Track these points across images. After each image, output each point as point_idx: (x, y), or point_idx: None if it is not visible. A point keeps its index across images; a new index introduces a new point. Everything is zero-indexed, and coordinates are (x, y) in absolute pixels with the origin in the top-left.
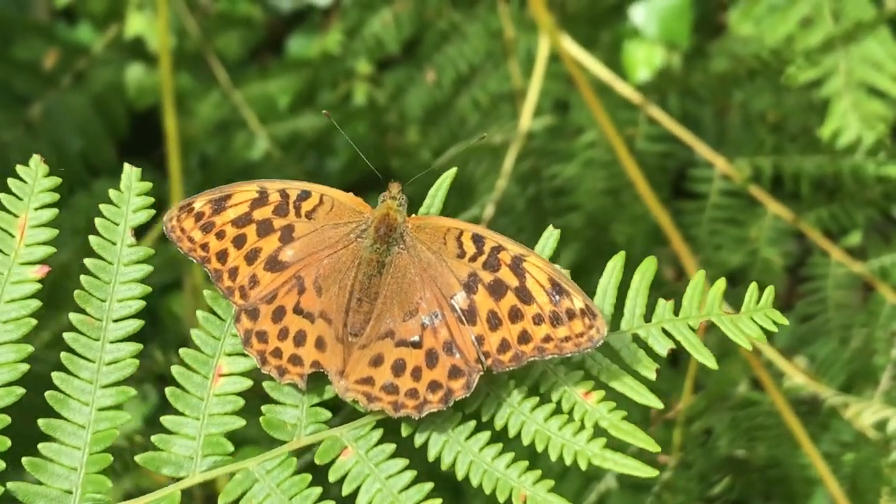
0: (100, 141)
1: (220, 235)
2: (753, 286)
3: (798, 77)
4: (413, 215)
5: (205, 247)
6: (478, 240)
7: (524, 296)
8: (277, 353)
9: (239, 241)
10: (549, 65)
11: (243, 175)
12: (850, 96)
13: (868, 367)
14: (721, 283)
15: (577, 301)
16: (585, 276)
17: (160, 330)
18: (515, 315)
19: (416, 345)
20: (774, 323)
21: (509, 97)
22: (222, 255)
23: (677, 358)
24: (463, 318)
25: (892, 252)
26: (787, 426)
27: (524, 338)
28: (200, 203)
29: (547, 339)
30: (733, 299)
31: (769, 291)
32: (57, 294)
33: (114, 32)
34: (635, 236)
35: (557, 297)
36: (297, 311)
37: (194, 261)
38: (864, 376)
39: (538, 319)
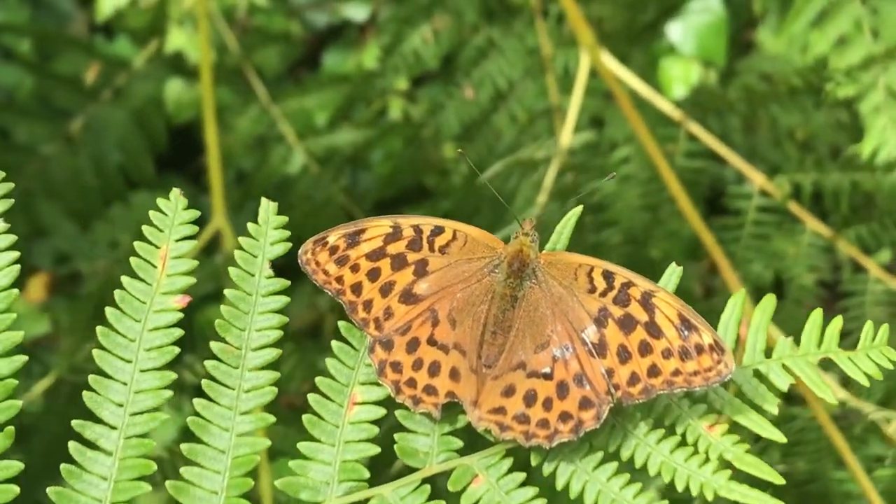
0: (139, 155)
1: (355, 269)
2: (868, 324)
3: (836, 93)
4: (544, 251)
5: (339, 280)
6: (608, 276)
7: (653, 330)
8: (412, 382)
9: (373, 275)
10: (587, 80)
11: (280, 190)
12: (889, 112)
13: None
14: (838, 322)
15: (706, 336)
16: None
17: (198, 341)
18: (645, 349)
19: (548, 376)
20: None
21: (546, 113)
22: (357, 288)
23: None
24: (593, 351)
25: None
26: (826, 441)
27: (653, 371)
28: (335, 237)
29: (676, 372)
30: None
31: (884, 330)
32: (102, 306)
33: (154, 47)
34: (671, 252)
35: (686, 333)
36: (432, 342)
37: (329, 293)
38: None
39: (667, 354)
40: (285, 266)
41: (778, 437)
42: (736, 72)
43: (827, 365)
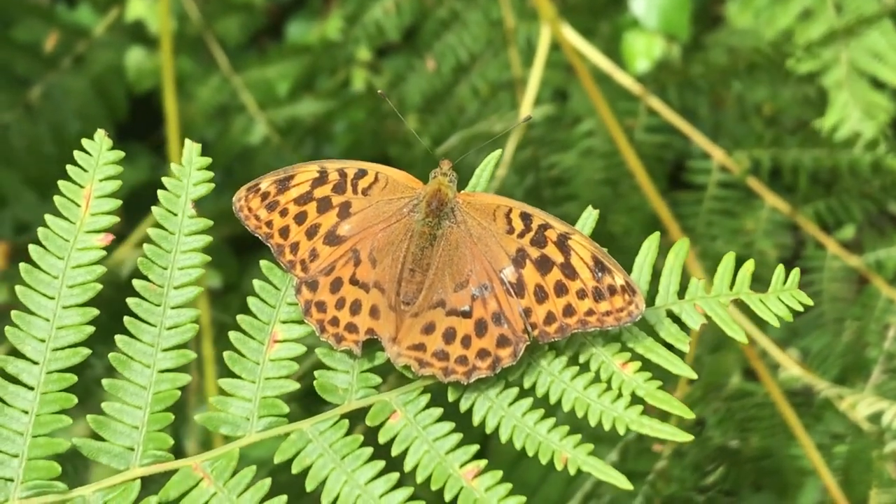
0: (99, 123)
1: (284, 213)
2: (780, 267)
3: (799, 68)
4: (462, 191)
5: (269, 224)
6: (526, 217)
7: (569, 271)
8: (335, 321)
9: (300, 218)
10: (549, 54)
11: (241, 160)
12: (851, 87)
13: (861, 360)
14: (750, 265)
15: (619, 278)
16: None
17: None
18: (561, 289)
19: (467, 314)
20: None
21: (508, 86)
22: (285, 231)
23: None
24: (511, 290)
25: (888, 246)
26: (780, 417)
27: (568, 311)
28: (266, 183)
29: (590, 312)
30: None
31: (795, 273)
32: None
33: (114, 15)
34: (632, 226)
35: (600, 274)
36: (353, 281)
37: (260, 237)
38: (856, 369)
39: (582, 294)
40: None
41: (688, 372)
42: (703, 45)
43: (785, 342)
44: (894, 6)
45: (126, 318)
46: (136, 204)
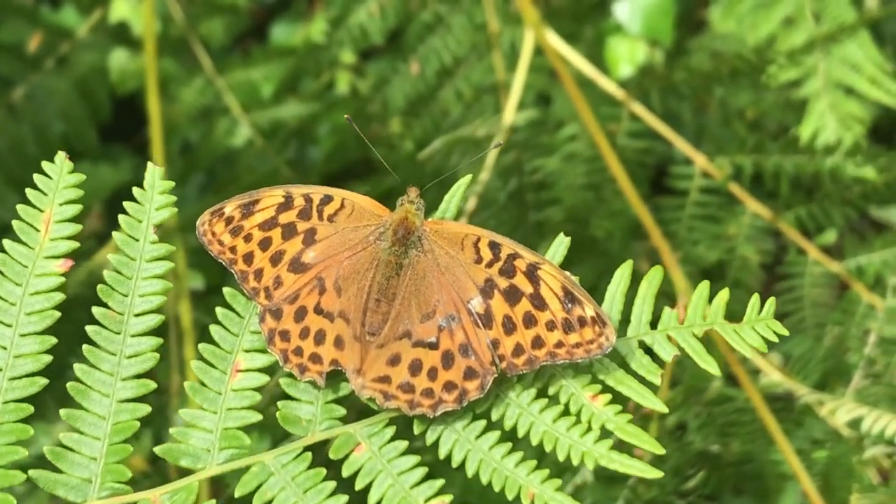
0: (82, 124)
1: (248, 238)
2: (755, 297)
3: (779, 76)
4: (430, 219)
5: (233, 249)
6: (494, 246)
7: (538, 302)
8: (298, 351)
9: (265, 244)
10: (533, 58)
11: (225, 162)
12: (828, 97)
13: (842, 366)
14: (724, 294)
15: (588, 309)
16: (565, 269)
17: None
18: (529, 321)
19: (433, 346)
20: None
21: (492, 89)
22: (248, 258)
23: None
24: (479, 321)
25: (869, 252)
26: (761, 422)
27: (537, 343)
28: (230, 208)
29: (559, 344)
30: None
31: (770, 303)
32: None
33: (98, 16)
34: (614, 231)
35: (570, 305)
36: (318, 310)
37: (223, 263)
38: (837, 374)
39: (551, 326)
40: None
41: (659, 407)
42: (686, 50)
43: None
44: (873, 16)
45: (85, 347)
46: (118, 205)
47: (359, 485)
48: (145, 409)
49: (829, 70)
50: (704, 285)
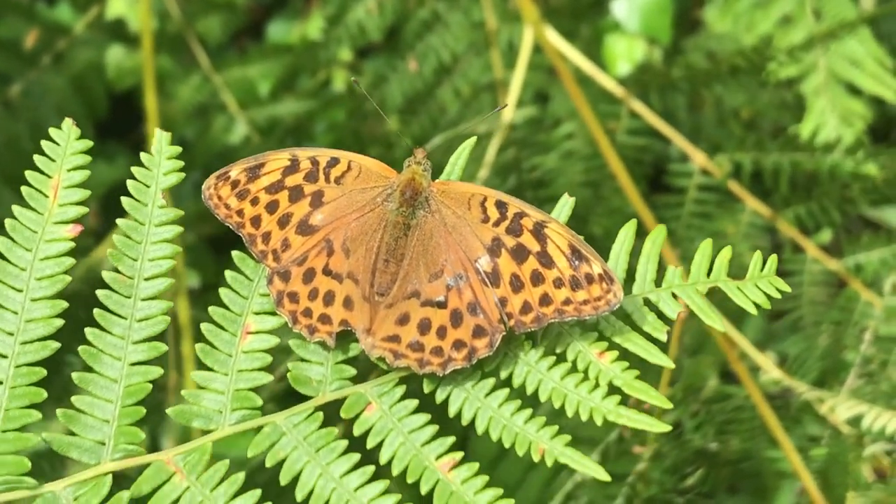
0: (78, 121)
1: (255, 202)
2: (757, 254)
3: (778, 73)
4: (437, 180)
5: (240, 213)
6: (501, 206)
7: (545, 260)
8: (308, 312)
9: (272, 207)
10: (531, 56)
11: (222, 159)
12: (829, 94)
13: (839, 363)
14: (727, 251)
15: (596, 266)
16: None
17: None
18: (537, 278)
19: (442, 305)
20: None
21: (490, 87)
22: (256, 221)
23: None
24: (487, 280)
25: (867, 250)
26: (760, 420)
27: (545, 300)
28: (236, 171)
29: (567, 301)
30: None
31: (772, 260)
32: None
33: (95, 13)
34: (613, 229)
35: (577, 263)
36: (327, 272)
37: (231, 227)
38: (835, 372)
39: (558, 283)
40: None
41: (665, 362)
42: (682, 49)
43: (767, 343)
44: (874, 13)
45: (96, 311)
46: (114, 202)
47: (370, 443)
48: (157, 371)
49: (830, 66)
50: (707, 244)
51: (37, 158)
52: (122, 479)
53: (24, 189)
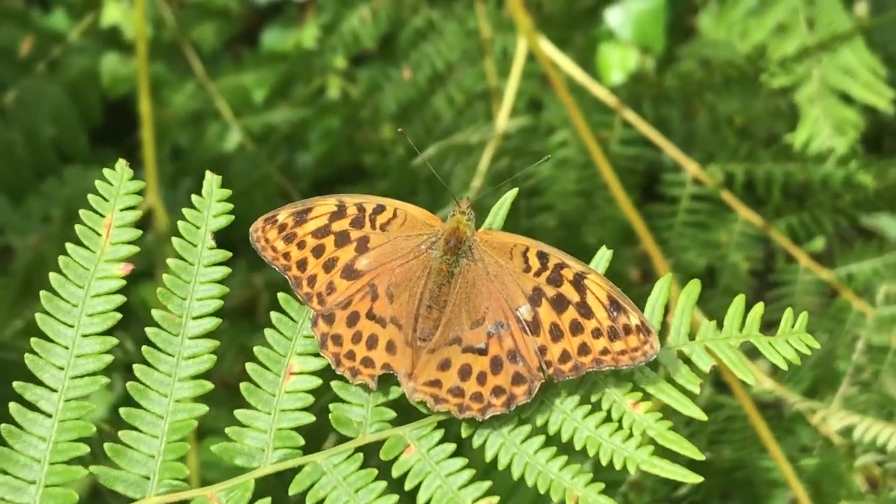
0: (73, 129)
1: (301, 245)
2: (788, 311)
3: (772, 83)
4: (480, 230)
5: (287, 256)
6: (542, 256)
7: (584, 311)
8: (351, 355)
9: (318, 251)
10: (525, 65)
11: (216, 167)
12: (822, 103)
13: (831, 373)
14: (759, 308)
15: (634, 318)
16: None
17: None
18: (576, 328)
19: (483, 352)
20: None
21: (484, 96)
22: (302, 264)
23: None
24: (527, 328)
25: (859, 260)
26: (752, 429)
27: (583, 350)
28: (284, 215)
29: (605, 351)
30: (702, 302)
31: (803, 317)
32: (31, 282)
33: (89, 21)
34: (605, 238)
35: (615, 314)
36: (370, 316)
37: (276, 269)
38: (827, 382)
39: (597, 333)
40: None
41: (699, 414)
42: (676, 57)
43: (754, 354)
44: (868, 23)
45: (144, 348)
46: None
47: (408, 485)
48: (203, 408)
49: (823, 75)
50: (741, 299)
51: (90, 197)
52: None
53: (77, 227)
